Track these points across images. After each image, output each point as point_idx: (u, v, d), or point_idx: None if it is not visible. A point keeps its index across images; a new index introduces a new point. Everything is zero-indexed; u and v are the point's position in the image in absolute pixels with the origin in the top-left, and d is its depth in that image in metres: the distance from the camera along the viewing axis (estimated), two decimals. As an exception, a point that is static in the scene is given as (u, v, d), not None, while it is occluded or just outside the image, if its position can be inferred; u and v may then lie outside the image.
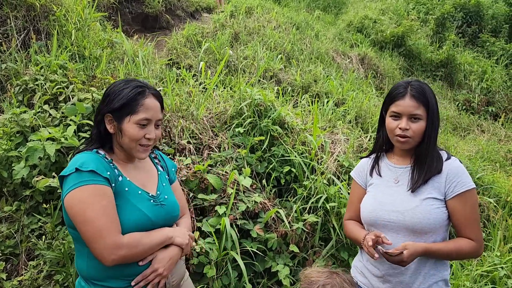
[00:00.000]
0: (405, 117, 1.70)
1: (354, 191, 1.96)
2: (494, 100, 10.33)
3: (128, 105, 1.52)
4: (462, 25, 12.47)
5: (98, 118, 1.58)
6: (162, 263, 1.55)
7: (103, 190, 1.44)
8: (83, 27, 3.90)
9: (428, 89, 1.74)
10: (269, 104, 3.29)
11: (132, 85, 1.56)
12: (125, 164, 1.62)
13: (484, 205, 4.05)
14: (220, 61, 5.91)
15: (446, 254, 1.68)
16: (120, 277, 1.50)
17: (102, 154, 1.55)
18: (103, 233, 1.39)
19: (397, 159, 1.86)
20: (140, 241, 1.48)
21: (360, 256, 1.93)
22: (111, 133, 1.57)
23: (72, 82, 3.21)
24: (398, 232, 1.72)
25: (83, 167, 1.43)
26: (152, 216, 1.56)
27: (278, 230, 2.69)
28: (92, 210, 1.39)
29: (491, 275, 3.17)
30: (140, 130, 1.54)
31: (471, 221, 1.70)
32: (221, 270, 2.53)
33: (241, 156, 3.00)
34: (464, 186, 1.70)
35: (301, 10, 10.92)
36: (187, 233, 1.70)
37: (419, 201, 1.69)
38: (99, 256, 1.41)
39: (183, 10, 8.96)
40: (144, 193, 1.59)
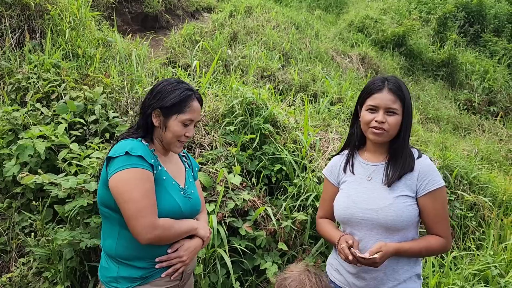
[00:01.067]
0: (382, 110, 1.70)
1: (327, 189, 1.96)
2: (495, 100, 10.27)
3: (178, 105, 1.68)
4: (464, 24, 12.41)
5: (148, 111, 1.69)
6: (187, 252, 1.70)
7: (147, 175, 1.58)
8: (77, 26, 3.92)
9: (404, 85, 1.75)
10: (261, 103, 3.29)
11: (183, 87, 1.72)
12: (162, 156, 1.76)
13: (479, 204, 4.03)
14: (217, 60, 5.92)
15: (416, 252, 1.69)
16: (146, 259, 1.63)
17: (146, 144, 1.69)
18: (144, 212, 1.52)
19: (370, 156, 1.85)
20: (173, 225, 1.63)
21: (334, 254, 1.93)
22: (154, 126, 1.71)
23: (64, 80, 3.22)
24: (371, 229, 1.72)
25: (132, 151, 1.56)
26: (182, 206, 1.70)
27: (267, 228, 2.69)
28: (137, 191, 1.52)
29: (483, 274, 3.15)
30: (183, 128, 1.70)
31: (440, 218, 1.71)
32: (210, 268, 2.54)
33: (231, 154, 3.00)
34: (435, 184, 1.70)
35: (302, 10, 10.90)
36: (208, 227, 1.87)
37: (392, 198, 1.70)
38: (137, 233, 1.53)
39: (183, 10, 8.97)
40: (176, 184, 1.74)
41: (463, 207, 3.87)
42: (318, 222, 1.98)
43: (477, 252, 3.45)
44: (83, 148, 2.86)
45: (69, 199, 2.50)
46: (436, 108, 8.96)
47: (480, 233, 3.79)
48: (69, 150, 2.73)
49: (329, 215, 1.94)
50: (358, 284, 1.76)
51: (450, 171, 4.04)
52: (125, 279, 1.61)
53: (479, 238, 3.76)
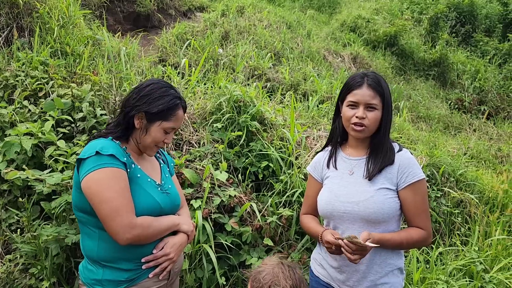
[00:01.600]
0: (362, 106, 1.73)
1: (310, 186, 1.99)
2: (486, 99, 10.37)
3: (165, 112, 1.66)
4: (455, 24, 12.52)
5: (131, 112, 1.66)
6: (174, 248, 1.68)
7: (120, 173, 1.55)
8: (66, 24, 3.92)
9: (383, 81, 1.78)
10: (249, 100, 3.32)
11: (172, 94, 1.69)
12: (136, 155, 1.74)
13: (466, 201, 4.07)
14: (209, 59, 5.95)
15: (398, 243, 1.71)
16: (130, 259, 1.60)
17: (117, 142, 1.65)
18: (120, 212, 1.49)
19: (352, 150, 1.88)
20: (152, 223, 1.60)
21: (318, 248, 1.96)
22: (134, 127, 1.69)
23: (52, 78, 3.23)
24: (353, 222, 1.75)
25: (103, 151, 1.53)
26: (161, 202, 1.68)
27: (253, 224, 2.71)
28: (110, 190, 1.49)
29: (467, 269, 3.19)
30: (163, 135, 1.69)
31: (421, 211, 1.74)
32: (196, 263, 2.56)
33: (218, 151, 3.03)
34: (415, 176, 1.73)
35: (295, 10, 10.94)
36: (191, 221, 1.85)
37: (373, 191, 1.72)
38: (115, 234, 1.50)
39: (175, 9, 8.97)
40: (152, 181, 1.71)
41: (449, 203, 3.91)
42: (302, 218, 2.00)
43: (462, 247, 3.49)
44: (71, 145, 2.87)
45: (56, 196, 2.51)
46: (427, 107, 9.04)
47: (466, 229, 3.84)
48: (56, 147, 2.74)
49: (313, 211, 1.97)
50: (340, 278, 1.79)
51: (437, 168, 4.09)
52: (110, 282, 1.58)
53: (465, 234, 3.81)
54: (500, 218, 4.11)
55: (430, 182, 3.96)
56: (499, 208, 4.25)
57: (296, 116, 4.12)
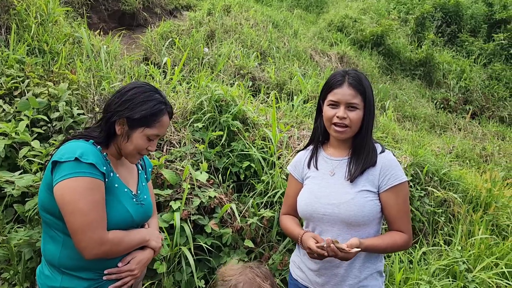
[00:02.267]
0: (343, 106, 1.68)
1: (291, 186, 1.94)
2: (472, 99, 10.46)
3: (148, 119, 1.56)
4: (441, 25, 12.61)
5: (112, 118, 1.56)
6: (139, 265, 1.60)
7: (98, 185, 1.46)
8: (45, 21, 3.83)
9: (364, 78, 1.73)
10: (230, 100, 3.26)
11: (156, 99, 1.59)
12: (115, 161, 1.65)
13: (449, 200, 4.08)
14: (194, 58, 5.88)
15: (382, 249, 1.68)
16: (93, 269, 1.52)
17: (98, 148, 1.55)
18: (91, 226, 1.41)
19: (333, 151, 1.83)
20: (123, 240, 1.52)
21: (297, 251, 1.91)
22: (115, 133, 1.59)
23: (28, 76, 3.14)
24: (333, 225, 1.71)
25: (83, 158, 1.43)
26: (134, 215, 1.60)
27: (234, 226, 2.66)
28: (85, 202, 1.41)
29: (450, 269, 3.18)
30: (146, 142, 1.59)
31: (402, 214, 1.71)
32: (175, 266, 2.50)
33: (199, 151, 2.97)
34: (397, 179, 1.70)
35: (282, 9, 10.92)
36: (160, 236, 1.76)
37: (354, 193, 1.68)
38: (82, 248, 1.43)
39: (161, 7, 8.88)
40: (129, 191, 1.63)
41: (432, 203, 3.91)
42: (282, 219, 1.96)
43: (446, 247, 3.49)
44: (46, 145, 2.80)
45: (30, 198, 2.44)
46: (413, 106, 9.08)
47: (449, 228, 3.84)
48: (30, 148, 2.66)
49: (293, 211, 1.92)
50: (319, 282, 1.75)
51: (421, 167, 4.08)
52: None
53: (448, 234, 3.81)
54: (483, 217, 4.12)
55: (414, 182, 3.96)
56: (482, 207, 4.26)
57: (280, 116, 4.08)
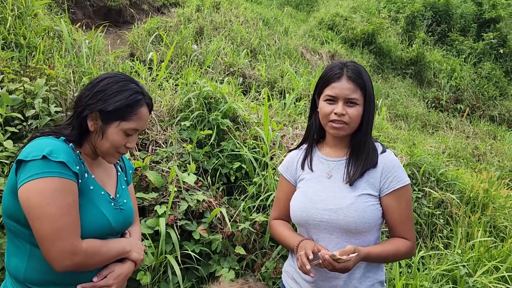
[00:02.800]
0: (341, 101, 1.52)
1: (282, 188, 1.76)
2: (462, 98, 10.43)
3: (123, 111, 1.38)
4: (431, 23, 12.57)
5: (84, 112, 1.38)
6: (117, 280, 1.40)
7: (69, 186, 1.27)
8: (22, 14, 3.61)
9: (364, 71, 1.57)
10: (220, 97, 3.08)
11: (132, 88, 1.41)
12: (90, 161, 1.47)
13: (447, 201, 3.95)
14: (182, 55, 5.70)
15: (384, 257, 1.52)
16: (64, 285, 1.33)
17: (70, 145, 1.36)
18: (62, 234, 1.24)
19: (330, 151, 1.66)
20: (99, 250, 1.34)
21: (290, 260, 1.73)
22: (88, 130, 1.41)
23: (3, 72, 2.92)
24: (331, 232, 1.54)
25: (52, 156, 1.25)
26: (112, 221, 1.42)
27: (224, 231, 2.48)
28: (54, 206, 1.23)
29: (451, 274, 3.05)
30: (124, 138, 1.41)
31: (406, 219, 1.55)
32: (160, 276, 2.31)
33: (186, 152, 2.79)
34: (400, 182, 1.54)
35: (273, 7, 10.76)
36: (142, 247, 1.55)
37: (353, 197, 1.52)
38: (52, 259, 1.24)
39: (149, 4, 8.68)
40: (106, 194, 1.45)
41: (430, 204, 3.77)
42: (272, 224, 1.78)
43: (445, 251, 3.35)
44: (21, 146, 2.58)
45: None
46: (405, 105, 8.99)
47: (448, 231, 3.71)
48: (3, 148, 2.46)
49: (284, 216, 1.75)
50: None
51: (418, 167, 3.95)
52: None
53: (447, 236, 3.68)
54: (481, 218, 4.00)
55: (411, 182, 3.82)
56: (480, 208, 4.14)
57: (272, 114, 3.91)
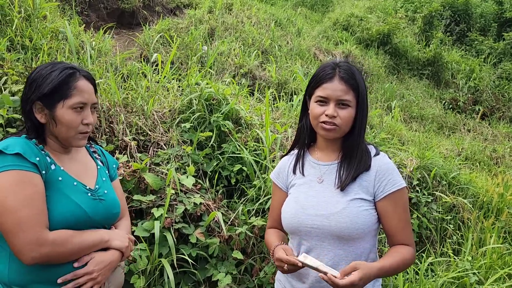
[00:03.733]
0: (333, 103, 1.45)
1: (275, 196, 1.71)
2: (481, 99, 10.16)
3: (60, 89, 1.37)
4: (450, 23, 12.30)
5: (27, 107, 1.39)
6: (99, 267, 1.39)
7: (28, 177, 1.28)
8: (30, 16, 3.64)
9: (357, 72, 1.50)
10: (222, 98, 3.04)
11: (60, 67, 1.41)
12: (59, 155, 1.46)
13: (458, 206, 3.82)
14: (192, 56, 5.69)
15: (395, 268, 1.44)
16: (47, 282, 1.33)
17: (33, 141, 1.37)
18: (24, 226, 1.24)
19: (321, 154, 1.60)
20: (69, 240, 1.32)
21: None
22: (42, 124, 1.40)
23: (7, 73, 2.95)
24: (323, 239, 1.47)
25: (7, 150, 1.27)
26: (89, 211, 1.40)
27: (221, 235, 2.44)
28: (12, 199, 1.24)
29: (460, 282, 2.93)
30: (77, 116, 1.40)
31: (404, 224, 1.48)
32: (156, 280, 2.28)
33: (186, 154, 2.75)
34: (395, 185, 1.47)
35: (287, 8, 10.69)
36: (127, 236, 1.53)
37: (345, 202, 1.45)
38: (18, 252, 1.25)
39: (162, 6, 8.72)
40: (80, 185, 1.44)
41: (440, 209, 3.66)
42: (265, 233, 1.73)
43: (455, 257, 3.23)
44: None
45: None
46: (420, 107, 8.81)
47: (458, 236, 3.58)
48: (3, 150, 2.47)
49: (278, 224, 1.68)
50: None
51: (428, 171, 3.83)
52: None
53: (457, 242, 3.55)
54: (495, 223, 3.86)
55: (421, 186, 3.71)
56: (494, 213, 3.99)
57: (278, 116, 3.85)
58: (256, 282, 2.44)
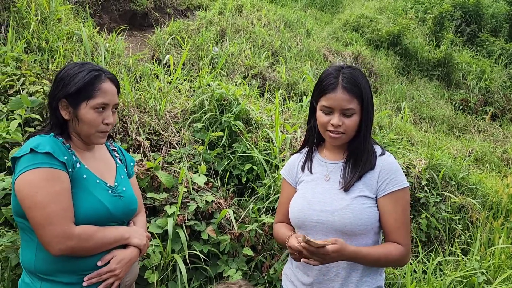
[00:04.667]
0: (337, 113, 1.50)
1: (284, 191, 1.77)
2: (492, 100, 10.08)
3: (85, 89, 1.45)
4: (461, 24, 12.23)
5: (53, 104, 1.48)
6: (120, 264, 1.49)
7: (57, 175, 1.36)
8: (46, 19, 3.74)
9: (361, 77, 1.53)
10: (233, 99, 3.10)
11: (87, 68, 1.49)
12: (83, 152, 1.55)
13: (467, 206, 3.83)
14: (203, 57, 5.76)
15: (375, 259, 1.49)
16: (71, 272, 1.42)
17: (60, 139, 1.47)
18: (53, 220, 1.32)
19: (329, 153, 1.67)
20: (93, 235, 1.41)
21: (289, 263, 1.74)
22: (66, 120, 1.49)
23: (24, 74, 3.04)
24: (327, 234, 1.53)
25: (38, 148, 1.35)
26: (110, 207, 1.49)
27: (232, 232, 2.50)
28: (42, 194, 1.32)
29: (468, 281, 2.96)
30: (98, 116, 1.48)
31: (401, 224, 1.52)
32: (169, 275, 2.35)
33: (197, 153, 2.82)
34: (397, 184, 1.52)
35: (296, 9, 10.73)
36: (145, 233, 1.62)
37: (350, 199, 1.51)
38: (46, 244, 1.33)
39: (173, 8, 8.81)
40: (102, 183, 1.52)
41: (449, 209, 3.67)
42: (274, 228, 1.79)
43: (463, 257, 3.25)
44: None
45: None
46: (430, 108, 8.78)
47: (467, 237, 3.60)
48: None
49: (287, 219, 1.74)
50: None
51: (437, 171, 3.85)
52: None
53: (466, 242, 3.57)
54: (504, 224, 3.86)
55: (429, 186, 3.73)
56: (503, 214, 4.00)
57: (288, 116, 3.91)
58: (266, 278, 2.50)
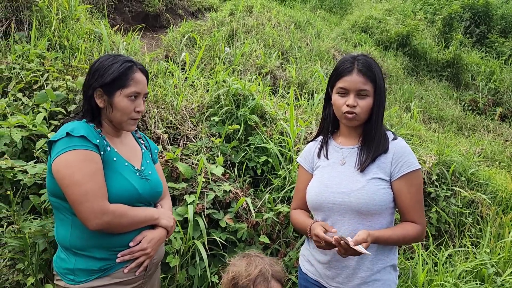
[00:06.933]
0: (353, 94, 1.62)
1: (301, 178, 1.87)
2: (502, 100, 10.08)
3: (119, 79, 1.56)
4: (470, 25, 12.24)
5: (89, 93, 1.58)
6: (151, 243, 1.59)
7: (92, 156, 1.47)
8: (66, 18, 3.87)
9: (374, 64, 1.66)
10: (248, 94, 3.20)
11: (120, 59, 1.59)
12: (112, 138, 1.65)
13: (477, 201, 3.89)
14: (215, 57, 5.87)
15: (395, 240, 1.59)
16: (104, 248, 1.51)
17: (92, 125, 1.58)
18: (90, 196, 1.42)
19: (343, 139, 1.77)
20: (126, 212, 1.51)
21: (307, 244, 1.83)
22: (100, 108, 1.60)
23: (48, 71, 3.16)
24: (344, 214, 1.63)
25: (74, 132, 1.45)
26: (139, 188, 1.58)
27: (249, 221, 2.59)
28: (80, 173, 1.42)
29: (477, 272, 3.02)
30: (131, 104, 1.58)
31: (415, 203, 1.62)
32: (188, 261, 2.44)
33: (215, 145, 2.92)
34: (410, 166, 1.62)
35: (306, 11, 10.82)
36: (172, 216, 1.73)
37: (365, 181, 1.61)
38: (84, 219, 1.43)
39: (184, 9, 8.95)
40: (130, 166, 1.62)
41: (459, 203, 3.73)
42: (292, 214, 1.88)
43: (473, 249, 3.31)
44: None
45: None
46: (439, 108, 8.81)
47: (477, 230, 3.65)
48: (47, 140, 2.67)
49: (303, 205, 1.84)
50: (329, 275, 1.67)
51: (447, 167, 3.91)
52: (82, 272, 1.49)
53: (476, 236, 3.63)
54: (514, 219, 3.91)
55: (440, 181, 3.79)
56: (513, 209, 4.05)
57: (300, 113, 3.99)
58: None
